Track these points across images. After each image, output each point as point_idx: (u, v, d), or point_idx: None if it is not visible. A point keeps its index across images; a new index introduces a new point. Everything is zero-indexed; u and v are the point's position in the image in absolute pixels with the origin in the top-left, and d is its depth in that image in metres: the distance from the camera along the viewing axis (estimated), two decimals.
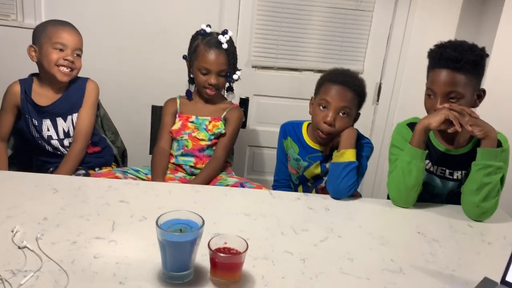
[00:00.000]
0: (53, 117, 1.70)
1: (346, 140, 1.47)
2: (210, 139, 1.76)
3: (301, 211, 1.30)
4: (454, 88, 1.35)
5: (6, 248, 0.96)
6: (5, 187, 1.26)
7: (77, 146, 1.70)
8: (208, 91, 1.75)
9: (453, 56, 1.34)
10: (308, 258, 1.04)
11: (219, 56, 1.71)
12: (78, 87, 1.74)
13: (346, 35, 2.44)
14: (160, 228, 0.87)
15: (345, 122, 1.49)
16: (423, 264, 1.07)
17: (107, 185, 1.33)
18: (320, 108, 1.50)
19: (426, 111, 1.45)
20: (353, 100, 1.49)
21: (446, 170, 1.49)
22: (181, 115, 1.80)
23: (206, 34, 1.74)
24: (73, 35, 1.66)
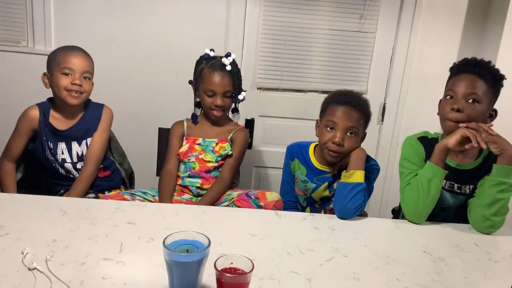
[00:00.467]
0: (68, 141, 1.74)
1: (355, 161, 1.49)
2: (217, 160, 1.78)
3: (307, 231, 1.31)
4: (475, 91, 1.41)
5: (17, 270, 0.98)
6: (15, 210, 1.28)
7: (88, 169, 1.73)
8: (215, 113, 1.78)
9: (480, 63, 1.44)
10: (314, 278, 1.04)
11: (224, 77, 1.75)
12: (94, 113, 1.79)
13: (349, 57, 2.48)
14: (167, 249, 0.88)
15: (354, 142, 1.51)
16: (429, 283, 1.06)
17: (115, 207, 1.35)
18: (328, 129, 1.52)
19: (442, 115, 1.48)
20: (359, 120, 1.52)
21: (455, 185, 1.51)
22: (188, 138, 1.83)
23: (210, 58, 1.79)
24: (81, 59, 1.69)
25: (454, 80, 1.46)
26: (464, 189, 1.50)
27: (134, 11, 2.37)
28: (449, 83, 1.49)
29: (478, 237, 1.36)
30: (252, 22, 2.41)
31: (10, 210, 1.28)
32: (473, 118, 1.41)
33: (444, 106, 1.48)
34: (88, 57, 1.73)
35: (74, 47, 1.73)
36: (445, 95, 1.48)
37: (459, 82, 1.44)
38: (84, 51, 1.74)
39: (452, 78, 1.48)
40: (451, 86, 1.46)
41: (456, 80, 1.45)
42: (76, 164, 1.76)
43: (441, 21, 2.43)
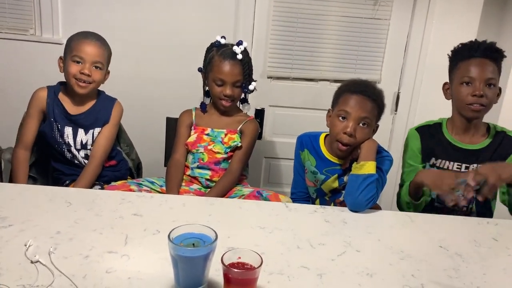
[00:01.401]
0: (75, 127, 1.73)
1: (366, 152, 1.43)
2: (226, 152, 1.74)
3: (317, 224, 1.27)
4: (491, 75, 1.47)
5: (19, 262, 0.95)
6: (19, 200, 1.26)
7: (95, 163, 1.71)
8: (223, 103, 1.74)
9: (490, 46, 1.48)
10: (325, 274, 1.00)
11: (234, 67, 1.70)
12: (106, 105, 1.77)
13: (362, 44, 2.41)
14: (172, 243, 0.85)
15: (366, 133, 1.46)
16: (446, 280, 1.02)
17: (121, 198, 1.32)
18: (340, 119, 1.47)
19: (460, 101, 1.52)
20: (372, 110, 1.46)
21: (463, 165, 1.54)
22: (197, 127, 1.79)
23: (220, 45, 1.74)
24: (94, 47, 1.66)
25: (467, 64, 1.49)
26: (472, 168, 1.52)
27: (141, 1, 2.33)
28: (461, 68, 1.52)
29: (496, 232, 1.31)
30: (262, 9, 2.35)
31: (14, 201, 1.26)
32: (491, 101, 1.50)
33: (461, 91, 1.51)
34: (103, 46, 1.70)
35: (91, 34, 1.69)
36: (461, 81, 1.51)
37: (475, 67, 1.48)
38: (100, 39, 1.70)
39: (464, 63, 1.51)
40: (466, 73, 1.49)
41: (470, 65, 1.49)
42: (79, 151, 1.74)
43: (458, 6, 2.35)
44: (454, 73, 1.55)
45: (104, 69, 1.72)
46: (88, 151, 1.75)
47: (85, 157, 1.75)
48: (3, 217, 1.14)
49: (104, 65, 1.71)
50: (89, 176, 1.69)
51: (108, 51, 1.73)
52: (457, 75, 1.52)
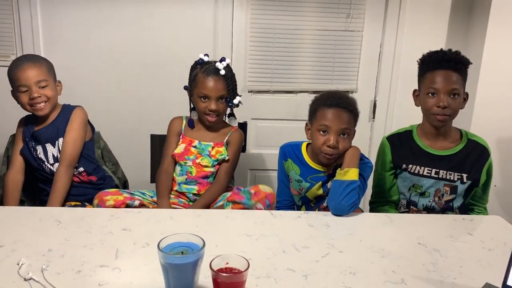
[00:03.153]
0: (43, 143, 1.77)
1: (350, 159, 1.50)
2: (214, 165, 1.79)
3: (302, 229, 1.32)
4: (455, 86, 1.54)
5: (13, 281, 0.98)
6: (9, 222, 1.28)
7: (61, 168, 1.72)
8: (209, 118, 1.77)
9: (454, 57, 1.55)
10: (311, 275, 1.05)
11: (218, 82, 1.75)
12: (65, 114, 1.80)
13: (338, 56, 2.49)
14: (161, 252, 0.89)
15: (347, 142, 1.53)
16: (424, 274, 1.07)
17: (109, 215, 1.35)
18: (321, 133, 1.53)
19: (426, 110, 1.61)
20: (350, 120, 1.53)
21: (433, 170, 1.62)
22: (185, 137, 1.83)
23: (204, 62, 1.79)
24: (29, 70, 1.67)
25: (433, 76, 1.57)
26: (442, 173, 1.61)
27: (122, 20, 2.37)
28: (427, 79, 1.59)
29: (471, 227, 1.38)
30: (239, 25, 2.42)
31: (3, 222, 1.28)
32: (456, 109, 1.58)
33: (427, 101, 1.59)
34: (37, 64, 1.70)
35: (22, 59, 1.71)
36: (427, 92, 1.59)
37: (439, 79, 1.55)
38: (32, 59, 1.71)
39: (430, 74, 1.58)
40: (432, 84, 1.57)
41: (435, 77, 1.56)
42: (53, 165, 1.77)
43: (426, 16, 2.46)
44: (421, 83, 1.64)
45: (51, 83, 1.73)
46: None
47: None
48: None
49: (49, 79, 1.72)
50: (58, 186, 1.68)
51: (45, 65, 1.73)
52: (424, 85, 1.60)
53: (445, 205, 1.63)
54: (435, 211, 1.64)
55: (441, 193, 1.62)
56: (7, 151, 1.85)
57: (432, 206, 1.64)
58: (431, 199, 1.63)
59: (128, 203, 1.60)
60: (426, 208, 1.65)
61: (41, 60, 1.74)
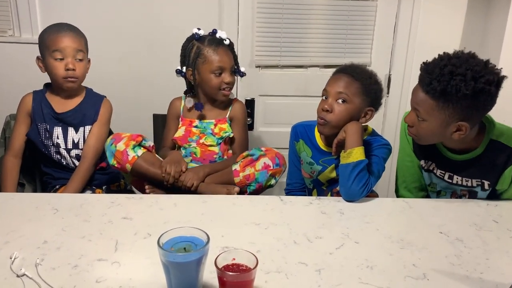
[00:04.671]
0: (65, 126, 1.69)
1: (351, 137, 1.37)
2: (219, 143, 1.70)
3: (314, 217, 1.23)
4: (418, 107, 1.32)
5: (4, 277, 0.91)
6: (4, 210, 1.22)
7: (86, 164, 1.67)
8: (225, 92, 1.67)
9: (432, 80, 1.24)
10: (324, 269, 0.97)
11: (227, 53, 1.67)
12: (94, 102, 1.74)
13: (350, 27, 2.36)
14: (162, 249, 0.81)
15: (344, 110, 1.40)
16: (448, 268, 0.99)
17: (110, 202, 1.28)
18: (323, 99, 1.45)
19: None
20: (351, 87, 1.40)
21: (446, 174, 1.41)
22: (184, 119, 1.74)
23: (201, 37, 1.67)
24: (70, 39, 1.61)
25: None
26: (457, 180, 1.40)
27: None
28: None
29: (496, 213, 1.28)
30: None
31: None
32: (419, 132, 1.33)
33: None
34: (78, 35, 1.65)
35: (62, 25, 1.63)
36: None
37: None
38: (74, 29, 1.65)
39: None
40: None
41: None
42: (70, 151, 1.70)
43: None
44: None
45: (85, 58, 1.67)
46: (80, 150, 1.70)
47: (75, 157, 1.71)
48: None
49: (85, 54, 1.66)
50: (80, 178, 1.64)
51: (84, 39, 1.67)
52: None
53: None
54: None
55: (458, 195, 1.44)
56: (4, 132, 1.77)
57: None
58: (448, 197, 1.48)
59: (144, 138, 1.56)
60: None
61: (80, 32, 1.67)
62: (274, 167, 1.49)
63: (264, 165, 1.49)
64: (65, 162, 1.71)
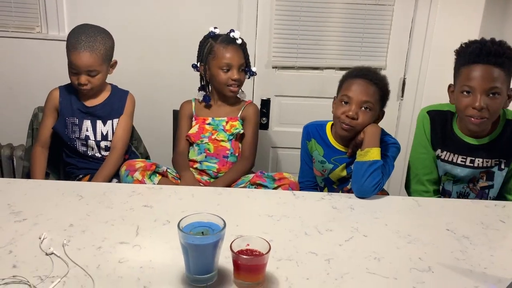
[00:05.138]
0: (93, 119, 1.78)
1: (370, 138, 1.44)
2: (230, 139, 1.77)
3: (325, 211, 1.28)
4: (495, 84, 1.33)
5: (34, 255, 0.98)
6: (32, 195, 1.29)
7: (116, 154, 1.75)
8: (232, 88, 1.76)
9: (495, 50, 1.32)
10: (333, 259, 1.02)
11: (237, 51, 1.75)
12: (120, 97, 1.83)
13: (367, 31, 2.40)
14: (182, 231, 0.87)
15: (368, 117, 1.47)
16: (453, 262, 1.03)
17: (131, 191, 1.35)
18: (342, 104, 1.48)
19: (460, 111, 1.43)
20: (374, 95, 1.47)
21: (468, 158, 1.50)
22: (198, 118, 1.82)
23: (216, 35, 1.78)
24: (84, 58, 1.64)
25: (469, 71, 1.36)
26: (477, 162, 1.49)
27: None
28: (462, 74, 1.39)
29: (504, 214, 1.31)
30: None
31: (27, 196, 1.28)
32: (495, 111, 1.37)
33: (461, 101, 1.40)
34: (95, 50, 1.66)
35: (81, 38, 1.65)
36: (461, 90, 1.39)
37: (476, 75, 1.34)
38: (92, 43, 1.65)
39: (465, 69, 1.38)
40: (466, 81, 1.36)
41: (472, 71, 1.35)
42: (99, 142, 1.79)
43: None
44: (456, 78, 1.45)
45: (103, 69, 1.72)
46: (109, 142, 1.80)
47: (105, 148, 1.80)
48: (17, 211, 1.17)
49: (101, 67, 1.70)
50: (111, 166, 1.72)
51: (103, 50, 1.69)
52: (458, 81, 1.41)
53: (481, 192, 1.54)
54: (470, 198, 1.55)
55: (476, 179, 1.52)
56: (32, 124, 1.86)
57: (467, 192, 1.55)
58: (465, 185, 1.55)
59: (157, 165, 1.63)
60: (460, 195, 1.56)
61: (100, 44, 1.68)
62: None
63: None
64: (91, 153, 1.80)
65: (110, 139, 1.80)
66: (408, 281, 0.95)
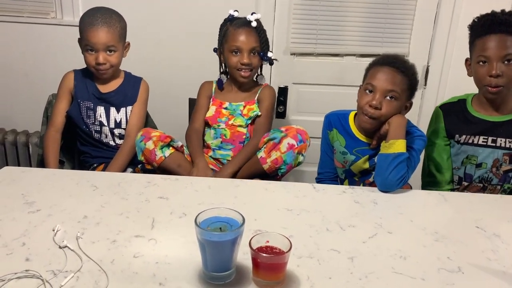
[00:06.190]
0: (107, 106, 1.75)
1: (395, 130, 1.37)
2: (247, 123, 1.73)
3: (347, 206, 1.23)
4: (509, 51, 1.38)
5: (48, 248, 0.96)
6: (46, 185, 1.27)
7: (130, 141, 1.71)
8: (242, 73, 1.71)
9: (505, 19, 1.39)
10: (357, 257, 0.97)
11: (249, 34, 1.69)
12: (133, 84, 1.80)
13: (389, 16, 2.30)
14: (199, 227, 0.83)
15: (393, 107, 1.40)
16: (484, 262, 0.97)
17: (146, 181, 1.31)
18: (366, 92, 1.42)
19: (478, 81, 1.47)
20: (401, 84, 1.40)
21: (489, 138, 1.50)
22: (215, 100, 1.79)
23: (234, 18, 1.73)
24: (101, 33, 1.62)
25: (484, 41, 1.42)
26: (500, 141, 1.48)
27: None
28: (477, 45, 1.45)
29: None
30: None
31: (41, 185, 1.26)
32: (511, 78, 1.41)
33: (478, 71, 1.45)
34: (111, 27, 1.64)
35: (97, 16, 1.64)
36: (478, 60, 1.45)
37: (491, 45, 1.40)
38: (107, 21, 1.64)
39: (480, 40, 1.44)
40: (482, 51, 1.42)
41: (487, 41, 1.41)
42: (113, 130, 1.76)
43: None
44: (472, 51, 1.50)
45: (120, 47, 1.70)
46: (123, 130, 1.77)
47: (119, 136, 1.78)
48: (31, 201, 1.15)
49: (119, 44, 1.69)
50: (125, 155, 1.70)
51: (119, 27, 1.68)
52: (474, 53, 1.46)
53: (503, 176, 1.50)
54: (493, 183, 1.52)
55: (500, 162, 1.50)
56: (46, 111, 1.84)
57: (490, 177, 1.52)
58: (488, 170, 1.52)
59: (173, 139, 1.61)
60: (482, 180, 1.53)
61: (116, 21, 1.67)
62: (299, 144, 1.50)
63: (289, 145, 1.50)
64: (106, 140, 1.77)
65: (124, 127, 1.77)
66: (436, 283, 0.89)
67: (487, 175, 1.52)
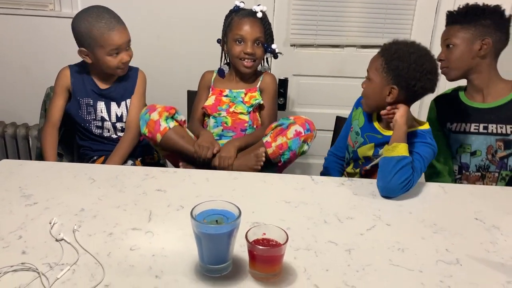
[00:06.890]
0: (107, 101, 1.74)
1: (399, 132, 1.30)
2: (249, 111, 1.73)
3: (345, 198, 1.22)
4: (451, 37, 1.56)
5: (44, 241, 0.96)
6: (43, 178, 1.26)
7: (131, 133, 1.72)
8: (245, 63, 1.70)
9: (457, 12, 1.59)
10: (354, 249, 0.97)
11: (254, 24, 1.68)
12: (131, 76, 1.79)
13: (390, 6, 2.28)
14: (195, 220, 0.83)
15: (369, 84, 1.41)
16: (483, 254, 0.97)
17: (144, 174, 1.31)
18: None
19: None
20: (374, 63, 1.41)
21: (480, 125, 1.53)
22: (214, 89, 1.78)
23: (239, 9, 1.72)
24: (122, 32, 1.64)
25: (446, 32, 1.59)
26: (491, 128, 1.51)
27: None
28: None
29: None
30: None
31: (38, 178, 1.26)
32: (453, 61, 1.53)
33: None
34: (123, 23, 1.67)
35: (108, 17, 1.62)
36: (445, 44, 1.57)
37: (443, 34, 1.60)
38: (117, 17, 1.65)
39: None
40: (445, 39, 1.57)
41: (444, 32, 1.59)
42: (115, 124, 1.76)
43: None
44: None
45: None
46: (125, 123, 1.77)
47: (121, 129, 1.77)
48: (28, 195, 1.15)
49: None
50: (126, 147, 1.70)
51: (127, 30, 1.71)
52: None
53: (500, 162, 1.52)
54: (490, 170, 1.53)
55: (494, 149, 1.51)
56: (44, 104, 1.83)
57: (487, 165, 1.54)
58: (483, 158, 1.53)
59: (177, 111, 1.62)
60: (480, 169, 1.54)
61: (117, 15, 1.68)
62: (306, 132, 1.51)
63: (296, 132, 1.50)
64: (107, 134, 1.77)
65: (125, 121, 1.76)
66: (434, 275, 0.89)
67: (483, 163, 1.54)
